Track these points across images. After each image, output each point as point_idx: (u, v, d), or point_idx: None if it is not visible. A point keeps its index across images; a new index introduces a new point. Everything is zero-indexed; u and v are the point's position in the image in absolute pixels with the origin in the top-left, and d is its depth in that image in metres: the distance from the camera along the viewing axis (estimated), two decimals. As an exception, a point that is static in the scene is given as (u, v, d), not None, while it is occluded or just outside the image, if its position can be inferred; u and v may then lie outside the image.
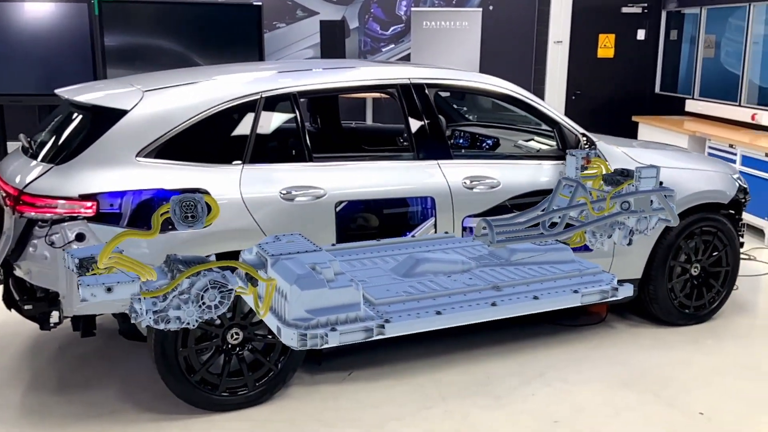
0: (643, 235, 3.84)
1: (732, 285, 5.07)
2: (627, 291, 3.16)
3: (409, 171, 4.06)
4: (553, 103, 9.99)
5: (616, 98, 10.52)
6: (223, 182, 3.68)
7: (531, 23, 10.22)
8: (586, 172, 4.30)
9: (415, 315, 2.79)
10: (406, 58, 9.94)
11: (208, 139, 3.77)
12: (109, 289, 2.50)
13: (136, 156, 3.60)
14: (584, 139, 4.47)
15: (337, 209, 3.85)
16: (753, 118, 8.17)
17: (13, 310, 4.00)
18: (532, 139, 5.12)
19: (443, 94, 5.39)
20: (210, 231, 3.46)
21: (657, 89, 10.63)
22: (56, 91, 4.13)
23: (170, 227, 3.34)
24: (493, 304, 2.94)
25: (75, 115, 3.86)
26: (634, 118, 9.63)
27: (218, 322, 3.69)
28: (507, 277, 3.18)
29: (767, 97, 8.77)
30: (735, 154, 7.40)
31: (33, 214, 3.49)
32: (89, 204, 3.47)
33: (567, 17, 10.24)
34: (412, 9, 9.57)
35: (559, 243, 3.70)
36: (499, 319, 2.99)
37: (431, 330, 2.87)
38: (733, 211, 5.04)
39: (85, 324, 3.82)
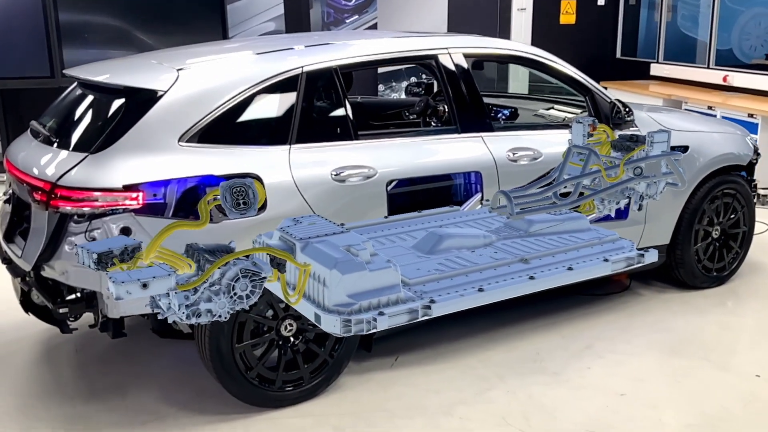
0: (653, 199, 3.76)
1: (749, 246, 5.12)
2: (652, 257, 3.11)
3: (454, 146, 3.90)
4: (518, 70, 9.93)
5: (579, 64, 10.42)
6: (272, 165, 3.43)
7: (494, -10, 10.11)
8: (591, 139, 4.22)
9: (458, 293, 2.69)
10: (372, 28, 9.70)
11: (252, 119, 3.51)
12: (144, 285, 2.28)
13: (179, 141, 3.31)
14: (621, 106, 4.38)
15: (388, 188, 3.66)
16: (725, 79, 8.30)
17: (30, 314, 3.72)
18: (552, 108, 5.03)
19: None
20: (264, 217, 3.26)
21: (618, 54, 10.72)
22: (69, 72, 3.79)
23: (221, 215, 3.11)
24: (531, 278, 2.87)
25: (99, 97, 3.53)
26: (601, 83, 9.66)
27: (271, 313, 3.47)
28: (531, 249, 3.10)
29: (727, 59, 8.95)
30: (714, 116, 7.50)
31: (69, 208, 3.17)
32: (134, 195, 3.18)
33: (530, -17, 10.17)
34: (378, -22, 9.33)
35: (573, 212, 3.64)
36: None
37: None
38: (745, 173, 5.09)
39: (115, 324, 3.53)
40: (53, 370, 4.01)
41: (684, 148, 4.63)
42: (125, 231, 3.18)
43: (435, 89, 5.64)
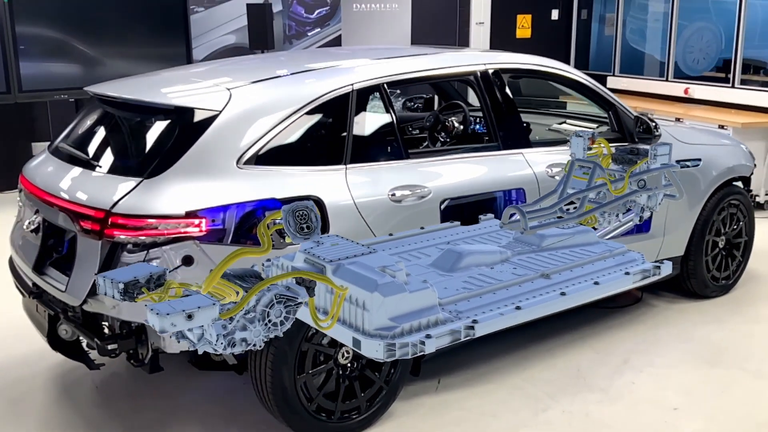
0: (653, 211, 3.81)
1: (749, 254, 5.27)
2: (667, 269, 3.12)
3: (498, 163, 3.84)
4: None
5: (535, 77, 10.71)
6: (331, 186, 3.29)
7: (454, 5, 10.17)
8: (589, 152, 4.26)
9: (498, 312, 2.62)
10: (335, 42, 9.59)
11: (307, 139, 3.36)
12: (189, 316, 2.11)
13: (237, 163, 3.13)
14: (648, 120, 4.42)
15: (442, 207, 3.57)
16: (686, 92, 8.57)
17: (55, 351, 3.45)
18: (564, 122, 5.05)
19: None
20: (328, 241, 3.11)
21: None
22: (96, 89, 3.54)
23: (281, 240, 2.97)
24: (563, 293, 2.82)
25: (142, 118, 3.31)
26: (561, 98, 9.84)
27: (327, 340, 3.32)
28: (549, 264, 3.07)
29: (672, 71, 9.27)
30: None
31: (125, 237, 2.95)
32: (196, 221, 2.98)
33: (487, -2, 10.29)
34: (342, -9, 9.21)
35: (580, 225, 3.66)
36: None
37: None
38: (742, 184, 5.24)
39: (153, 358, 3.31)
40: (79, 410, 3.72)
41: (697, 161, 4.72)
42: (187, 260, 2.98)
43: (436, 104, 5.59)
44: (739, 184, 5.13)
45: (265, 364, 3.18)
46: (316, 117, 3.38)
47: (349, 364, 3.39)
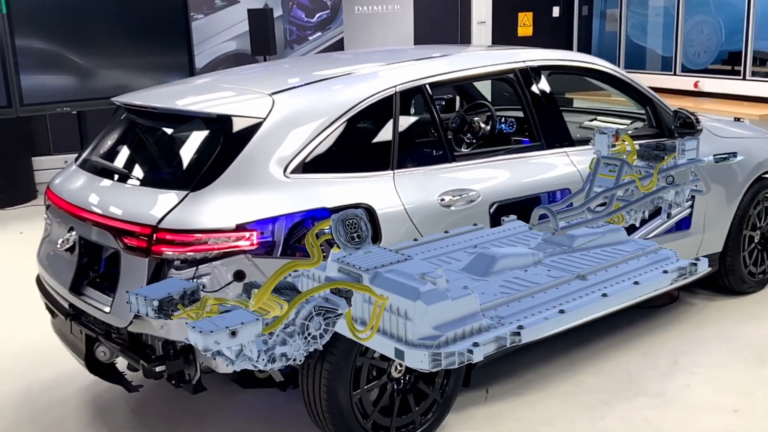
0: (679, 207, 3.70)
1: (782, 249, 5.18)
2: (704, 266, 3.01)
3: (543, 163, 3.72)
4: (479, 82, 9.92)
5: (538, 75, 10.63)
6: (381, 192, 3.16)
7: (455, 4, 10.07)
8: (613, 149, 4.16)
9: (541, 317, 2.52)
10: (337, 45, 9.46)
11: (353, 144, 3.23)
12: (233, 333, 2.00)
13: (284, 172, 2.99)
14: (690, 114, 4.32)
15: (491, 210, 3.44)
16: (696, 85, 8.51)
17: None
18: (595, 119, 4.94)
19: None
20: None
21: (574, 64, 10.87)
22: (126, 100, 3.39)
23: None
24: (604, 295, 2.72)
25: (181, 128, 3.17)
26: (568, 95, 9.76)
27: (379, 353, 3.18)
28: (583, 265, 2.97)
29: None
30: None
31: (173, 253, 2.80)
32: (247, 234, 2.84)
33: (488, -3, 10.20)
34: (343, -7, 9.09)
35: (609, 224, 3.56)
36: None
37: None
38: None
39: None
40: (116, 434, 3.57)
41: (733, 154, 4.62)
42: (238, 276, 2.84)
43: (458, 105, 5.47)
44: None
45: (320, 381, 3.03)
46: (361, 121, 3.24)
47: (402, 378, 3.27)
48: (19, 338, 4.61)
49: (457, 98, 5.51)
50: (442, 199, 3.30)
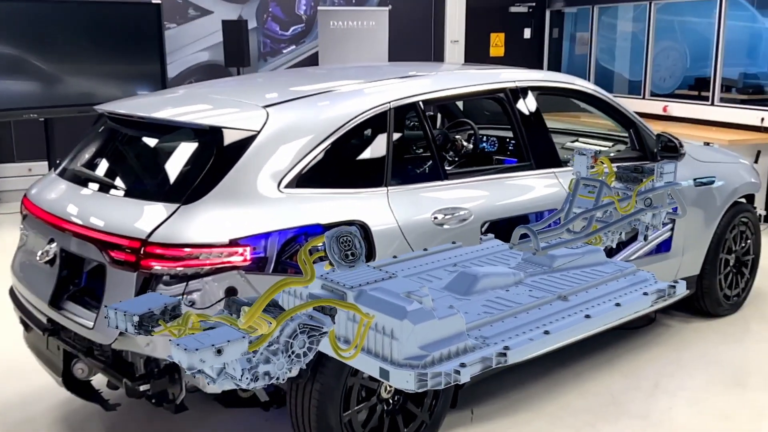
0: (656, 229, 3.72)
1: (755, 272, 5.25)
2: (682, 288, 3.02)
3: (532, 183, 3.71)
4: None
5: (508, 95, 10.70)
6: (375, 209, 3.11)
7: (428, 23, 10.11)
8: (592, 171, 4.19)
9: (526, 338, 2.49)
10: (311, 59, 9.41)
11: (348, 160, 3.18)
12: (219, 351, 1.94)
13: (278, 187, 2.93)
14: (673, 138, 4.36)
15: (483, 229, 3.41)
16: (665, 109, 8.65)
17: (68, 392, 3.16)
18: (577, 140, 4.97)
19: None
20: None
21: (544, 86, 10.99)
22: (112, 109, 3.31)
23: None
24: (587, 316, 2.71)
25: (169, 138, 3.08)
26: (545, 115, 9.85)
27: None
28: (563, 285, 2.97)
29: (640, 89, 9.34)
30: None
31: (162, 268, 2.71)
32: (240, 250, 2.76)
33: (461, 17, 10.25)
34: (319, 8, 9.04)
35: (587, 245, 3.58)
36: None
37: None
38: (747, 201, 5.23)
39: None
40: (91, 455, 3.43)
41: (712, 179, 4.68)
42: (230, 292, 2.76)
43: (439, 122, 5.46)
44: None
45: (309, 402, 2.96)
46: (356, 136, 3.20)
47: (391, 399, 3.20)
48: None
49: (438, 116, 5.50)
50: (435, 218, 3.26)
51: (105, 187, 3.05)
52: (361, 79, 3.59)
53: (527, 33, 10.72)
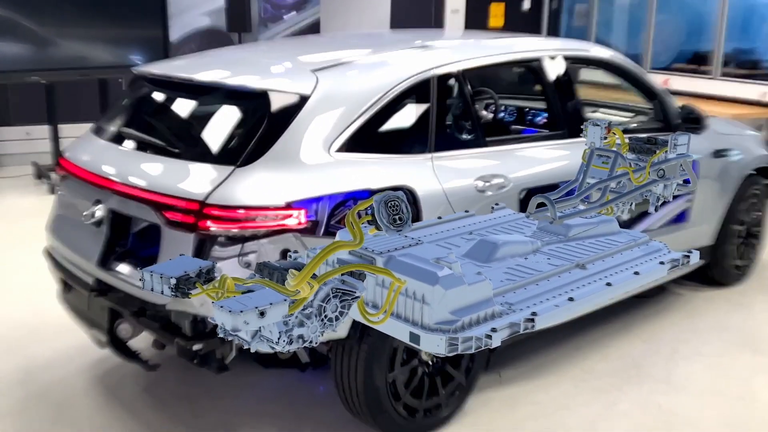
0: (667, 201, 3.81)
1: (763, 243, 5.38)
2: (696, 258, 2.99)
3: (567, 151, 3.76)
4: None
5: (506, 67, 10.72)
6: (421, 174, 3.15)
7: (429, -9, 10.07)
8: (605, 141, 4.26)
9: (551, 305, 2.51)
10: (313, 26, 9.36)
11: (394, 126, 3.20)
12: (262, 314, 1.94)
13: (328, 151, 2.96)
14: (700, 113, 4.42)
15: (520, 196, 3.47)
16: (665, 83, 8.72)
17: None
18: (597, 111, 5.02)
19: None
20: (423, 233, 2.97)
21: (542, 57, 11.02)
22: (156, 71, 3.29)
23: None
24: (608, 284, 2.74)
25: (220, 101, 3.09)
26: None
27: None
28: (580, 254, 3.00)
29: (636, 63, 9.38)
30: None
31: (219, 229, 2.74)
32: (296, 213, 2.80)
33: (462, -15, 10.21)
34: (322, -26, 8.97)
35: (600, 215, 3.67)
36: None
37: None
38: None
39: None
40: (135, 414, 3.46)
41: (728, 151, 4.77)
42: (285, 254, 2.79)
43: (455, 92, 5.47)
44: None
45: (356, 363, 3.02)
46: (401, 103, 3.22)
47: (430, 361, 3.28)
48: (3, 316, 4.45)
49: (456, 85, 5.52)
50: (477, 184, 3.31)
51: (154, 149, 3.06)
52: (399, 46, 3.60)
53: (527, 4, 10.71)
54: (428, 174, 3.17)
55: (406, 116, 3.27)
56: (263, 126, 2.91)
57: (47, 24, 7.27)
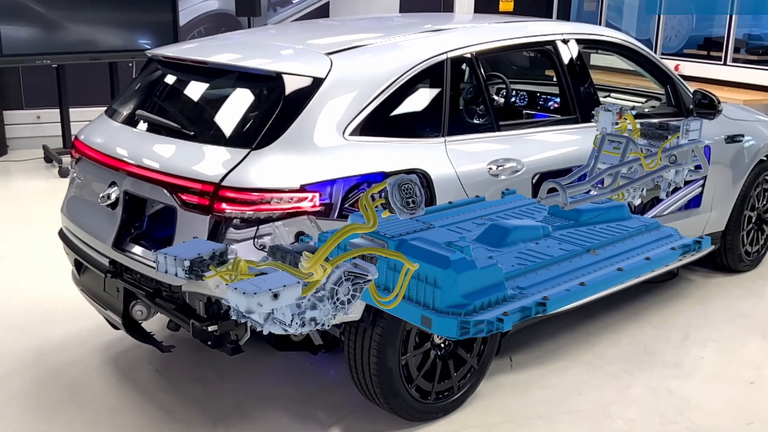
0: (678, 186, 3.79)
1: (774, 230, 5.37)
2: (707, 244, 3.06)
3: (579, 136, 3.76)
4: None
5: (516, 51, 10.68)
6: (434, 158, 3.15)
7: (439, -25, 10.03)
8: (616, 127, 4.23)
9: (563, 289, 2.54)
10: (321, 10, 9.32)
11: (408, 109, 3.19)
12: (276, 296, 1.93)
13: (343, 134, 2.96)
14: (711, 95, 4.40)
15: (533, 181, 3.47)
16: (676, 68, 8.66)
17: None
18: (608, 96, 5.00)
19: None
20: (437, 216, 2.98)
21: (552, 42, 10.96)
22: (171, 53, 3.29)
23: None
24: (620, 269, 2.76)
25: (235, 84, 3.09)
26: (548, 72, 9.85)
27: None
28: (591, 239, 3.02)
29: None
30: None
31: (234, 212, 2.75)
32: (310, 196, 2.80)
33: (472, -31, 10.16)
34: (331, -43, 8.92)
35: (611, 200, 3.66)
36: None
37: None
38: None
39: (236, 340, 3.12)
40: (148, 396, 3.49)
41: (740, 136, 4.75)
42: (299, 237, 2.80)
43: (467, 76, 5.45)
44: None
45: (370, 345, 3.03)
46: (415, 86, 3.21)
47: (443, 344, 3.29)
48: (17, 298, 4.48)
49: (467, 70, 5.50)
50: (491, 168, 3.31)
51: (168, 131, 3.06)
52: (411, 29, 3.59)
53: (537, -12, 10.65)
54: (442, 157, 3.17)
55: (420, 100, 3.26)
56: (278, 109, 2.90)
57: (57, 7, 7.26)
